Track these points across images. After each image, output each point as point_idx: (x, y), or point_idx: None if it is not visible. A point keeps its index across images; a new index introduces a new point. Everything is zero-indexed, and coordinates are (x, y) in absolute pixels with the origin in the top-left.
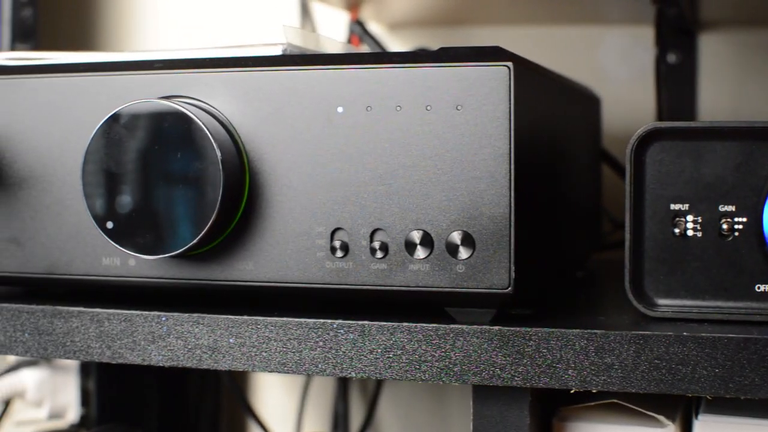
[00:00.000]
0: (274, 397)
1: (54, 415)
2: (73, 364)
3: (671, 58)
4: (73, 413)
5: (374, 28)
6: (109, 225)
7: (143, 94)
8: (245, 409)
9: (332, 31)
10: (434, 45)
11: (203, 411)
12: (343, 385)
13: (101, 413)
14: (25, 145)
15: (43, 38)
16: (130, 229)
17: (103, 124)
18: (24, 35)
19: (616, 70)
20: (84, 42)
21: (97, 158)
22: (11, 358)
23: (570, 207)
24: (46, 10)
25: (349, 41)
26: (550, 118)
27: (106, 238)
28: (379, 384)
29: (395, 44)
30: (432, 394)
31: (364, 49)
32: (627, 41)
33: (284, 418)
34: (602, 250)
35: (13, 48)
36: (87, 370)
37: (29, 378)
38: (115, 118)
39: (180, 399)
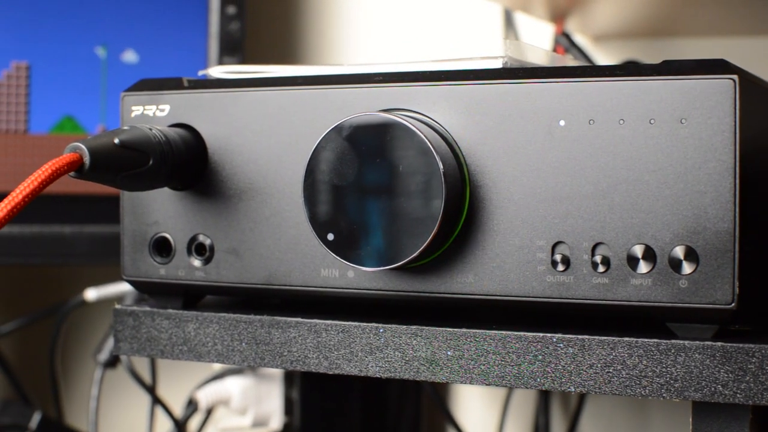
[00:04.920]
0: (474, 407)
1: (257, 423)
2: (277, 372)
3: None
4: (276, 422)
5: (579, 39)
6: (330, 237)
7: (363, 107)
8: (446, 419)
9: (535, 42)
10: (639, 57)
11: (404, 420)
12: (545, 398)
13: (304, 422)
14: (245, 158)
15: (248, 51)
16: (351, 241)
17: (325, 136)
18: (231, 49)
19: None
20: (287, 54)
21: (319, 170)
22: (217, 366)
23: None
24: (251, 23)
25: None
26: None
27: (327, 249)
28: (581, 397)
29: (600, 56)
30: (634, 408)
31: (570, 61)
32: None
33: (485, 428)
34: None
35: (220, 61)
36: (291, 378)
37: (234, 386)
38: (337, 130)
39: (381, 408)
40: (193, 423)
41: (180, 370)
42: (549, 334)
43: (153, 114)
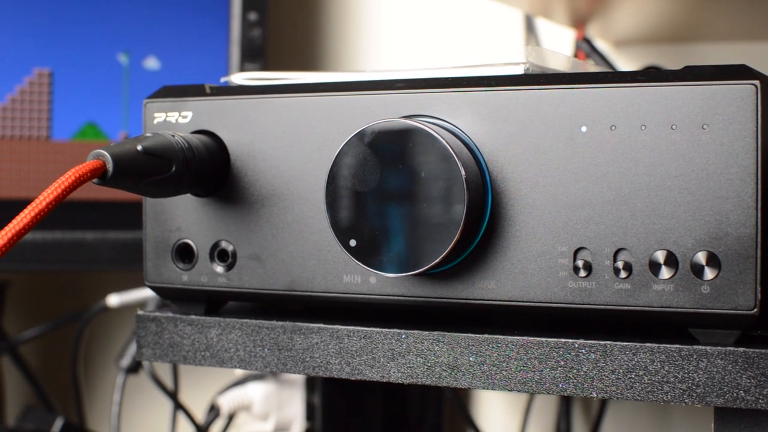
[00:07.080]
0: (496, 412)
1: (279, 429)
2: (299, 378)
3: None
4: (298, 427)
5: (600, 45)
6: (352, 243)
7: (385, 114)
8: (468, 424)
9: (556, 48)
10: (661, 62)
11: (425, 425)
12: (567, 403)
13: (326, 427)
14: (267, 164)
15: (270, 57)
16: (373, 247)
17: (347, 142)
18: (253, 55)
19: None
20: (309, 61)
21: (341, 177)
22: (239, 372)
23: None
24: (273, 29)
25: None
26: None
27: (349, 256)
28: (603, 403)
29: (621, 62)
30: (656, 414)
31: (591, 66)
32: None
33: None
34: None
35: (242, 68)
36: (312, 384)
37: (256, 392)
38: (359, 136)
39: (402, 413)
40: (215, 429)
41: (202, 376)
42: (571, 340)
43: (175, 121)
